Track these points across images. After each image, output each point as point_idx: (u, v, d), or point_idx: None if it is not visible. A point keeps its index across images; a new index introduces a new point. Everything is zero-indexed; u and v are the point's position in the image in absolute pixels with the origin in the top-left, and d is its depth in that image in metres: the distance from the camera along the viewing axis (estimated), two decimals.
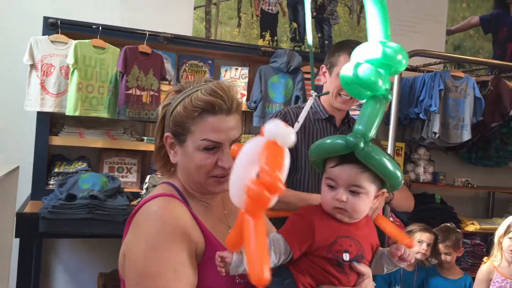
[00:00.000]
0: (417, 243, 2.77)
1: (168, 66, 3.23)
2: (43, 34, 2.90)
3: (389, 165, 1.10)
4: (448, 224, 2.96)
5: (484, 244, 3.80)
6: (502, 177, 4.41)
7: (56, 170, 2.96)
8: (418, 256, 2.76)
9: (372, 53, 1.12)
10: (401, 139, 3.93)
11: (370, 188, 1.14)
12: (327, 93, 2.00)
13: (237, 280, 1.13)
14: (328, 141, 1.16)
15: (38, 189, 2.86)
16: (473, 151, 4.13)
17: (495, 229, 2.88)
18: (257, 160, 0.88)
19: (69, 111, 2.84)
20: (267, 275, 0.81)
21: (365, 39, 1.20)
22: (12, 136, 3.08)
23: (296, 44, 3.84)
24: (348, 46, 1.94)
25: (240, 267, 1.03)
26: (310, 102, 1.64)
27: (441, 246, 2.79)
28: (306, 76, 3.48)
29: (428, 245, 2.76)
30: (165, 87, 3.26)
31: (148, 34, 3.07)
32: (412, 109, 3.67)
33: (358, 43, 1.97)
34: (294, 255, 1.11)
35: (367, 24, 1.18)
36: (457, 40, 4.37)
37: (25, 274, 2.47)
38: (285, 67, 3.32)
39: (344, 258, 1.12)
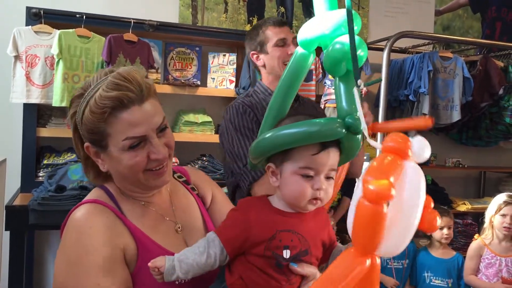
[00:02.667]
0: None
1: (155, 54, 3.20)
2: (26, 24, 2.87)
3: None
4: (441, 206, 2.99)
5: (476, 223, 3.83)
6: (493, 156, 4.43)
7: (45, 161, 2.94)
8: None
9: (319, 29, 1.06)
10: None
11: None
12: (380, 80, 1.99)
13: (177, 281, 1.04)
14: (316, 128, 0.98)
15: (28, 182, 2.84)
16: (463, 131, 4.14)
17: (487, 209, 2.90)
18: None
19: (56, 102, 2.82)
20: None
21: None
22: None
23: None
24: (266, 21, 2.00)
25: (173, 275, 0.98)
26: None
27: (445, 219, 2.79)
28: None
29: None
30: (152, 75, 3.24)
31: (134, 22, 3.04)
32: (401, 91, 3.66)
33: (269, 18, 2.02)
34: (226, 250, 1.01)
35: None
36: (446, 20, 4.35)
37: (17, 266, 2.47)
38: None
39: (284, 256, 0.99)
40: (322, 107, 3.51)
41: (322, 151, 0.99)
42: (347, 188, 2.89)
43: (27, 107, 2.87)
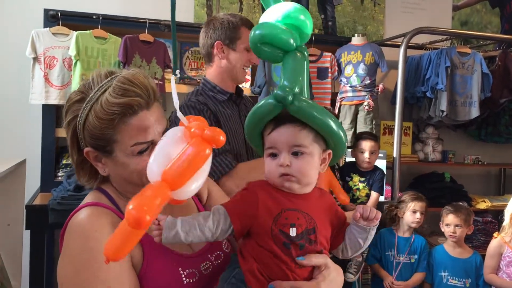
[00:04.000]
0: (411, 213, 2.78)
1: (170, 54, 3.22)
2: (44, 26, 2.91)
3: (326, 119, 1.03)
4: (459, 203, 2.95)
5: (495, 221, 3.77)
6: None
7: (64, 161, 2.98)
8: (413, 225, 2.78)
9: (274, 14, 1.11)
10: (409, 118, 3.90)
11: (313, 147, 1.05)
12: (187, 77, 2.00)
13: (185, 281, 1.04)
14: (258, 105, 1.08)
15: (47, 181, 2.89)
16: (482, 128, 4.09)
17: (507, 206, 2.85)
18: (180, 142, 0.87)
19: None
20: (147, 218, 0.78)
21: (369, 19, 1.19)
22: (18, 130, 3.10)
23: None
24: (242, 19, 1.97)
25: (173, 230, 0.97)
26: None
27: (451, 217, 2.76)
28: (310, 58, 3.46)
29: (421, 213, 2.77)
30: (168, 75, 3.25)
31: (149, 22, 3.06)
32: (418, 88, 3.62)
33: (236, 15, 1.99)
34: (234, 227, 1.01)
35: None
36: (463, 15, 4.29)
37: (37, 265, 2.51)
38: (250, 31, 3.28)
39: (290, 234, 1.00)
40: (338, 105, 3.50)
41: (275, 129, 1.06)
42: (373, 182, 2.90)
43: (46, 108, 2.92)
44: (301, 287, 0.99)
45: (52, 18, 2.92)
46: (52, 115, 2.94)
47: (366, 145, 2.91)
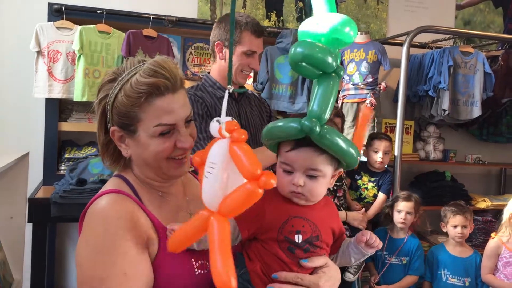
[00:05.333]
0: (397, 213, 2.75)
1: (174, 49, 3.22)
2: (49, 20, 2.92)
3: (344, 145, 1.04)
4: (459, 202, 2.94)
5: (495, 221, 3.76)
6: None
7: (66, 155, 2.99)
8: (399, 225, 2.75)
9: (318, 28, 1.06)
10: (410, 117, 3.91)
11: (327, 170, 1.08)
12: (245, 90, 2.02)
13: (197, 272, 1.07)
14: (280, 124, 1.07)
15: (50, 175, 2.90)
16: (484, 128, 4.09)
17: (506, 206, 2.86)
18: (230, 160, 0.83)
19: (77, 97, 2.87)
20: (233, 282, 0.77)
21: (372, 17, 1.16)
22: (21, 123, 3.11)
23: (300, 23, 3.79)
24: (248, 24, 1.95)
25: None
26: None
27: (459, 218, 2.75)
28: None
29: (407, 213, 2.73)
30: None
31: (153, 17, 3.07)
32: (421, 86, 3.63)
33: (249, 16, 1.98)
34: (242, 235, 1.06)
35: None
36: (467, 15, 4.29)
37: (39, 257, 2.53)
38: (291, 47, 3.29)
39: (296, 240, 1.05)
40: (340, 103, 3.50)
41: (294, 149, 1.06)
42: (382, 184, 2.89)
43: (49, 101, 2.93)
44: (304, 278, 1.05)
45: (56, 12, 2.93)
46: (55, 109, 2.95)
47: (381, 145, 2.88)
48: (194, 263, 1.08)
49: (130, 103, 1.03)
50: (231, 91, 1.01)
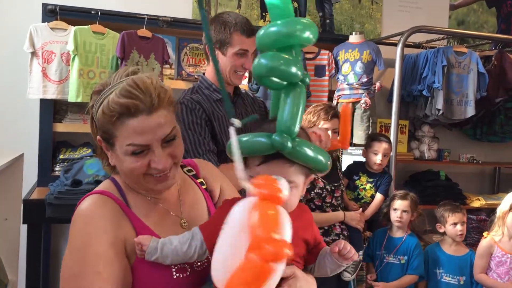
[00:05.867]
0: (393, 211, 2.77)
1: (168, 50, 3.22)
2: (43, 21, 2.91)
3: (314, 154, 1.01)
4: (449, 201, 2.96)
5: (489, 219, 3.80)
6: (507, 152, 4.39)
7: (61, 156, 2.99)
8: (396, 224, 2.77)
9: (276, 36, 1.01)
10: (405, 116, 3.92)
11: (300, 180, 1.04)
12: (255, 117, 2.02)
13: (175, 276, 1.07)
14: (248, 139, 1.02)
15: (44, 176, 2.89)
16: (477, 127, 4.12)
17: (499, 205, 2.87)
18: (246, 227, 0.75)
19: (72, 97, 2.86)
20: None
21: (367, 17, 1.12)
22: (16, 124, 3.10)
23: None
24: (237, 24, 1.93)
25: (154, 255, 1.03)
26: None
27: (460, 216, 2.76)
28: (308, 56, 3.47)
29: (403, 211, 2.74)
30: (166, 71, 3.26)
31: (147, 18, 3.07)
32: (415, 86, 3.64)
33: (239, 16, 1.96)
34: (208, 251, 1.03)
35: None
36: (460, 15, 4.31)
37: (34, 258, 2.52)
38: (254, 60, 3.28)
39: None
40: (335, 103, 3.51)
41: (264, 163, 1.01)
42: (380, 185, 2.89)
43: (44, 102, 2.92)
44: None
45: (51, 13, 2.92)
46: (49, 109, 2.94)
47: (380, 147, 2.86)
48: (172, 267, 1.07)
49: (106, 120, 1.04)
50: (238, 125, 1.00)
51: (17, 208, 2.43)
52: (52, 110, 2.96)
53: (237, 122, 0.97)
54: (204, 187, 1.29)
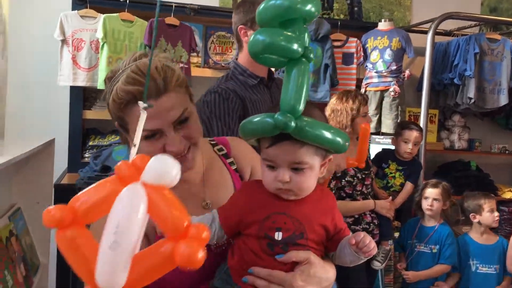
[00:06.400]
0: (424, 200, 2.74)
1: (196, 38, 3.22)
2: (73, 9, 2.95)
3: (327, 134, 0.96)
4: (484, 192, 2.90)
5: None
6: None
7: (90, 143, 3.03)
8: (427, 212, 2.74)
9: (276, 10, 0.95)
10: (435, 105, 3.84)
11: (314, 161, 1.00)
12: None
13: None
14: (255, 120, 1.00)
15: (74, 162, 2.94)
16: (510, 116, 4.00)
17: None
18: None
19: (101, 85, 2.89)
20: None
21: (396, 4, 1.07)
22: (47, 111, 3.16)
23: (324, 12, 3.76)
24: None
25: None
26: None
27: (493, 202, 2.72)
28: (335, 44, 3.43)
29: (434, 200, 2.70)
30: (194, 59, 3.27)
31: (175, 5, 3.07)
32: (446, 74, 3.56)
33: None
34: (223, 229, 1.02)
35: None
36: (493, 1, 4.19)
37: None
38: (313, 35, 3.26)
39: (276, 238, 0.97)
40: (363, 91, 3.46)
41: (273, 145, 0.98)
42: (410, 173, 2.85)
43: (74, 89, 2.96)
44: (275, 276, 0.97)
45: (80, 1, 2.95)
46: (79, 96, 2.98)
47: (411, 135, 2.81)
48: None
49: (116, 107, 1.03)
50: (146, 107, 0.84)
51: (48, 192, 2.47)
52: (82, 97, 3.00)
53: (144, 105, 0.83)
54: (234, 167, 1.26)
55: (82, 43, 2.94)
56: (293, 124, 0.92)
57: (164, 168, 0.62)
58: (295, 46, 0.93)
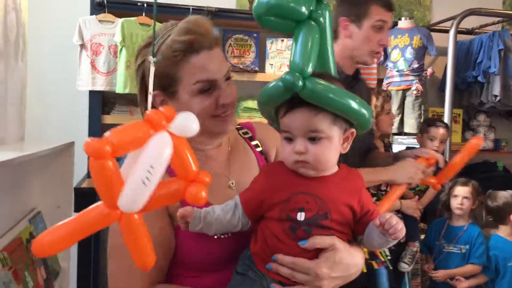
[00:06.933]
0: (454, 198, 2.66)
1: None
2: (91, 14, 2.95)
3: (344, 100, 0.92)
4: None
5: None
6: None
7: None
8: (457, 211, 2.66)
9: None
10: (458, 105, 3.75)
11: (332, 131, 0.95)
12: None
13: (216, 236, 1.03)
14: (269, 86, 0.98)
15: None
16: None
17: None
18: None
19: (119, 89, 2.88)
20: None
21: (416, 4, 1.05)
22: (66, 116, 3.16)
23: None
24: None
25: (198, 226, 0.97)
26: None
27: None
28: None
29: (464, 198, 2.63)
30: None
31: (192, 8, 3.06)
32: (469, 73, 3.49)
33: None
34: (246, 213, 0.99)
35: None
36: None
37: (85, 246, 2.55)
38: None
39: (298, 218, 0.93)
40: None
41: (288, 112, 0.96)
42: (436, 172, 2.78)
43: (93, 94, 2.95)
44: (299, 264, 0.93)
45: (99, 6, 2.95)
46: (98, 101, 2.97)
47: (438, 132, 2.72)
48: None
49: (168, 63, 1.03)
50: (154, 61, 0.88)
51: (68, 196, 2.46)
52: (101, 102, 2.99)
53: (153, 59, 0.88)
54: (259, 149, 1.24)
55: (100, 48, 2.94)
56: (300, 83, 0.89)
57: (189, 123, 0.75)
58: (301, 7, 0.92)
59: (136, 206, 0.72)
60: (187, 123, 0.75)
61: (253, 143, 1.25)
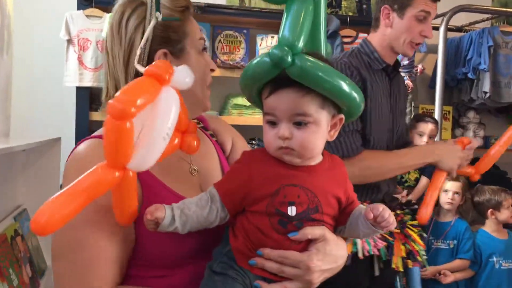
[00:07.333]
0: (443, 193, 2.65)
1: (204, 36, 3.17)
2: (78, 8, 2.91)
3: (335, 80, 0.85)
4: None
5: None
6: None
7: None
8: (446, 206, 2.66)
9: None
10: (448, 102, 3.75)
11: (319, 114, 0.89)
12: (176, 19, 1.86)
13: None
14: (254, 62, 0.91)
15: None
16: None
17: None
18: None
19: None
20: None
21: None
22: (53, 112, 3.11)
23: (333, 9, 3.70)
24: None
25: (172, 226, 0.87)
26: None
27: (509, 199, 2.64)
28: (345, 40, 3.37)
29: (455, 193, 2.63)
30: None
31: None
32: (459, 69, 3.49)
33: None
34: (226, 208, 0.91)
35: None
36: None
37: None
38: None
39: (289, 213, 0.87)
40: None
41: (273, 92, 0.89)
42: (425, 167, 2.78)
43: (80, 90, 2.91)
44: (289, 257, 0.88)
45: (85, 1, 2.91)
46: (85, 97, 2.92)
47: (426, 128, 2.72)
48: None
49: (174, 21, 1.02)
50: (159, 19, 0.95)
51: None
52: (88, 98, 2.94)
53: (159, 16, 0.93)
54: (214, 139, 1.21)
55: (88, 43, 2.89)
56: (289, 58, 0.83)
57: (188, 77, 0.81)
58: None
59: (150, 163, 0.76)
60: (186, 76, 0.80)
61: (208, 132, 1.22)
